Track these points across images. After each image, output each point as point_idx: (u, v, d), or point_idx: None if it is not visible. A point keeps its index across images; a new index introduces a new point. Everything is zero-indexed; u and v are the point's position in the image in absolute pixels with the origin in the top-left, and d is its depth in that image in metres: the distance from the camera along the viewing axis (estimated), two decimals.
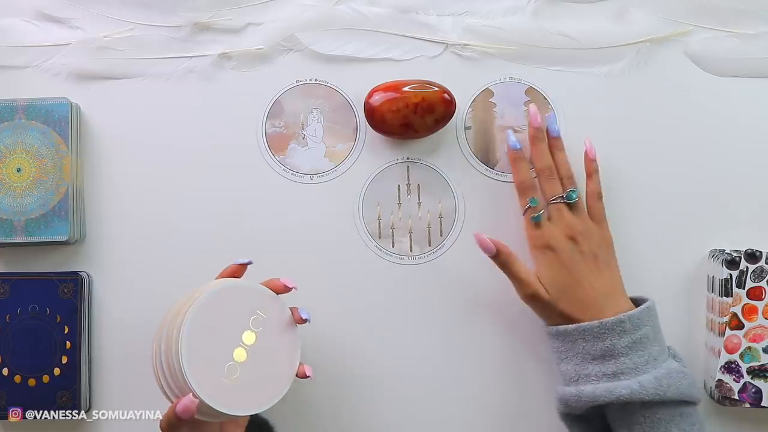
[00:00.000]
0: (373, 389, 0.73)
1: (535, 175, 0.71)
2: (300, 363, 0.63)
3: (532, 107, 0.72)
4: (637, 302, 0.67)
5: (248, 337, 0.61)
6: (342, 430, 0.73)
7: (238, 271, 0.66)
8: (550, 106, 0.74)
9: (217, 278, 0.66)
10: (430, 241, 0.74)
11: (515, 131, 0.74)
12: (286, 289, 0.64)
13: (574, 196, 0.69)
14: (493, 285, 0.73)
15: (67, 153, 0.72)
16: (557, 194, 0.69)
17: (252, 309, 0.62)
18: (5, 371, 0.71)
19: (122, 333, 0.74)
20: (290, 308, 0.64)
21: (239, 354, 0.60)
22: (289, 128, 0.75)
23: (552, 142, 0.71)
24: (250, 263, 0.66)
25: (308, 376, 0.63)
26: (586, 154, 0.71)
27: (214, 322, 0.60)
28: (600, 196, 0.70)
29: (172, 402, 0.60)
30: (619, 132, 0.74)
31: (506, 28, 0.74)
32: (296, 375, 0.63)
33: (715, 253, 0.71)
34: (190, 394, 0.58)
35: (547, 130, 0.72)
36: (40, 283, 0.72)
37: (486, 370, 0.73)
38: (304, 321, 0.63)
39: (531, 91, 0.74)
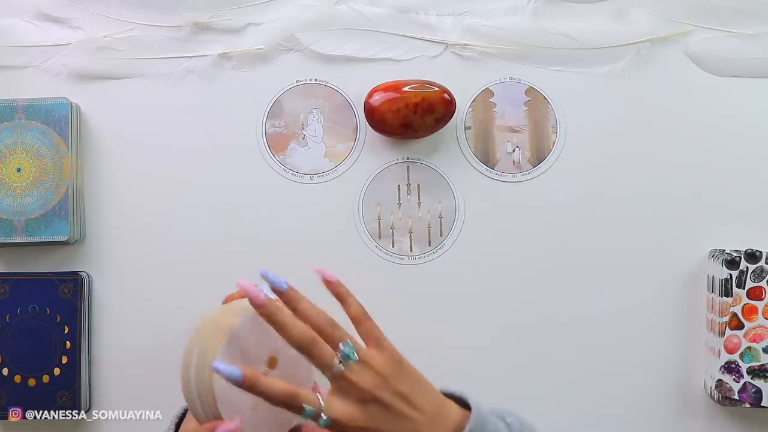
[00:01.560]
0: None
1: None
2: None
3: (243, 283, 0.56)
4: (456, 397, 0.61)
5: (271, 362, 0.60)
6: None
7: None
8: (549, 106, 0.74)
9: (232, 298, 0.65)
10: (430, 241, 0.74)
11: (514, 131, 0.74)
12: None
13: (350, 352, 0.56)
14: (492, 285, 0.73)
15: (67, 153, 0.72)
16: (330, 358, 0.55)
17: (273, 338, 0.57)
18: (5, 371, 0.71)
19: (122, 333, 0.74)
20: None
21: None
22: (289, 128, 0.75)
23: (285, 299, 0.57)
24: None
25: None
26: (325, 282, 0.60)
27: (245, 348, 0.58)
28: (366, 316, 0.59)
29: (198, 418, 0.58)
30: (619, 132, 0.74)
31: (506, 28, 0.74)
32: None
33: (715, 253, 0.71)
34: (238, 420, 0.56)
35: (275, 291, 0.57)
36: (40, 283, 0.72)
37: (485, 370, 0.73)
38: None
39: (531, 91, 0.74)
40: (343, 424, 0.55)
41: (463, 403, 0.60)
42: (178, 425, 0.62)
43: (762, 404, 0.69)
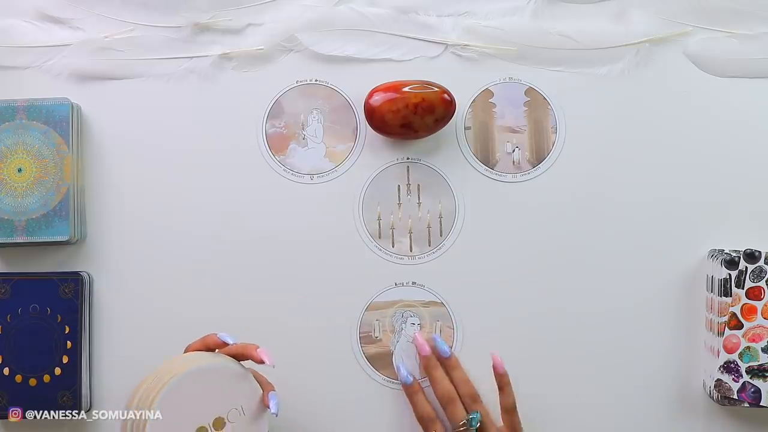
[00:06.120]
0: (370, 389, 0.74)
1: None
2: None
3: (417, 337, 0.72)
4: None
5: (218, 423, 0.61)
6: (341, 430, 0.74)
7: (217, 345, 0.64)
8: (549, 106, 0.74)
9: (195, 345, 0.65)
10: (430, 241, 0.74)
11: (513, 131, 0.74)
12: (261, 362, 0.62)
13: (475, 422, 0.67)
14: (492, 285, 0.73)
15: (67, 153, 0.72)
16: (460, 420, 0.68)
17: (224, 398, 0.61)
18: (6, 371, 0.71)
19: (122, 333, 0.74)
20: (263, 393, 0.63)
21: None
22: (289, 128, 0.75)
23: (445, 363, 0.70)
24: (234, 344, 0.64)
25: None
26: (495, 368, 0.69)
27: (185, 406, 0.60)
28: (514, 408, 0.69)
29: None
30: (618, 132, 0.74)
31: (506, 29, 0.74)
32: None
33: (715, 253, 0.71)
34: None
35: (438, 357, 0.71)
36: (41, 283, 0.72)
37: (485, 370, 0.73)
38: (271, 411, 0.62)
39: (531, 92, 0.75)
40: None
41: None
42: None
43: (761, 404, 0.69)
